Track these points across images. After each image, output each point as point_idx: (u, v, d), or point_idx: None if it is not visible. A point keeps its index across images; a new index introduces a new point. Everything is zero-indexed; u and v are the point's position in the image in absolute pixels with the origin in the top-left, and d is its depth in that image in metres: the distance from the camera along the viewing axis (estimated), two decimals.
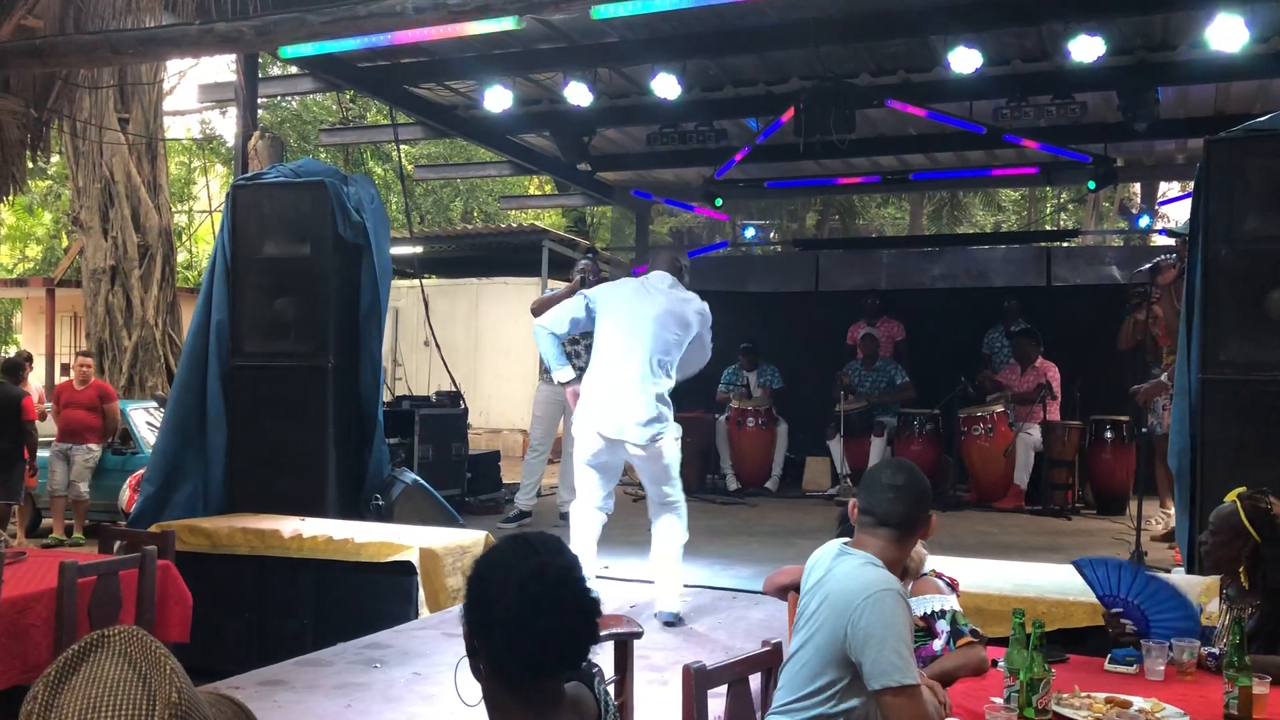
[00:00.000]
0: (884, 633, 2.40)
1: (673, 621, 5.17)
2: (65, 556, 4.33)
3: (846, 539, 2.72)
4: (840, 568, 2.60)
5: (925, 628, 3.00)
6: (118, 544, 4.83)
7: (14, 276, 21.89)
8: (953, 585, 3.17)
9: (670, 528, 5.30)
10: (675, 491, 5.30)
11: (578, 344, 7.30)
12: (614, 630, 3.16)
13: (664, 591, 5.29)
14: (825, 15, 7.55)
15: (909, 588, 3.06)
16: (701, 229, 19.08)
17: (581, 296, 5.40)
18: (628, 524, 8.12)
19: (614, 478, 5.37)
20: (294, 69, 10.26)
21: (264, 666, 4.13)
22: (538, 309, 8.44)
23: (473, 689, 1.73)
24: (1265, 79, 8.61)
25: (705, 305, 5.39)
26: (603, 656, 3.08)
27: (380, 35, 6.20)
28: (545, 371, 8.53)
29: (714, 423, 10.09)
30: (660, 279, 5.36)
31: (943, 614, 3.00)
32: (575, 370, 5.70)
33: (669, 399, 5.24)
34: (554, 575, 1.72)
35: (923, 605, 3.01)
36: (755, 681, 2.79)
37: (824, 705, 2.50)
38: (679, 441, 5.28)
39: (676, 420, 5.33)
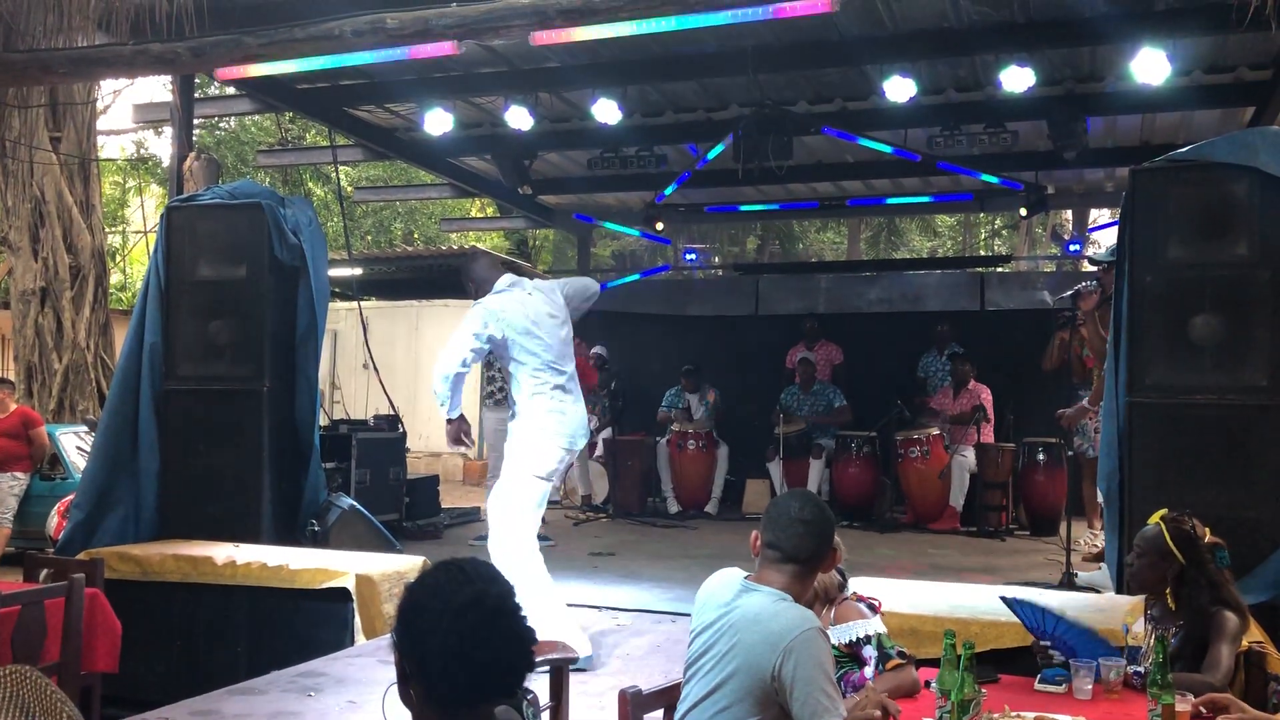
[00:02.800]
0: (813, 673, 2.39)
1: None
2: None
3: (747, 573, 2.64)
4: (749, 605, 2.53)
5: (850, 655, 3.01)
6: (44, 572, 4.71)
7: None
8: (874, 608, 3.19)
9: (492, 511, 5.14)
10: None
11: (495, 380, 7.34)
12: (549, 656, 3.15)
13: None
14: (763, 44, 7.65)
15: (831, 613, 3.08)
16: (644, 252, 19.15)
17: (475, 328, 5.05)
18: (569, 547, 8.12)
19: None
20: (231, 89, 10.16)
21: (196, 696, 4.05)
22: None
23: (401, 715, 1.72)
24: (1188, 110, 8.88)
25: (551, 281, 5.48)
26: (539, 682, 3.07)
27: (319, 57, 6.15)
28: (488, 397, 8.52)
29: (655, 445, 10.12)
30: (512, 281, 5.24)
31: (868, 639, 3.02)
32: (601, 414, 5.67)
33: None
34: (491, 604, 1.72)
35: (847, 633, 3.02)
36: None
37: None
38: None
39: (619, 440, 5.40)
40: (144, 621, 5.02)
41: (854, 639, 3.01)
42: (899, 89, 7.78)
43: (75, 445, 9.63)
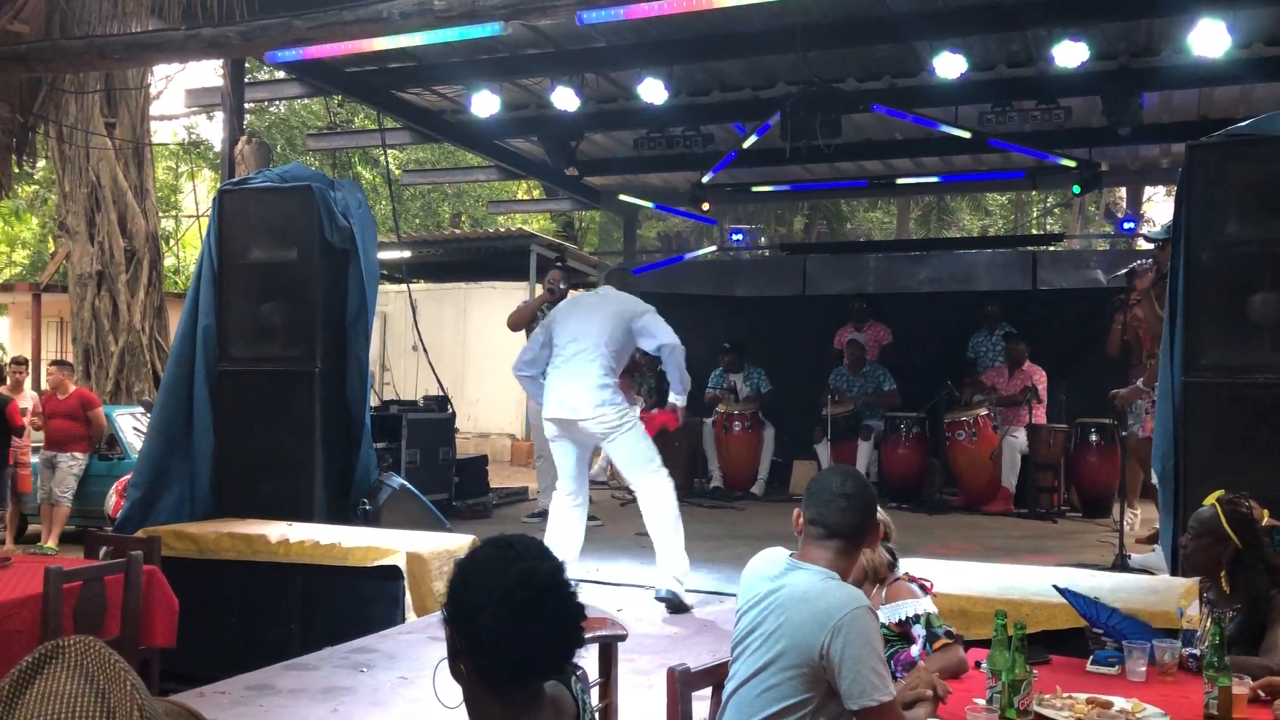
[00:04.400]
0: (862, 651, 2.38)
1: (666, 599, 5.31)
2: (51, 562, 4.31)
3: (792, 551, 2.64)
4: (796, 583, 2.52)
5: (900, 633, 3.00)
6: (104, 549, 4.81)
7: (0, 282, 21.79)
8: (926, 589, 3.17)
9: (648, 506, 5.61)
10: (646, 468, 5.62)
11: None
12: (599, 633, 3.17)
13: (657, 569, 5.56)
14: (811, 21, 7.58)
15: (882, 593, 3.06)
16: (689, 233, 19.11)
17: (539, 329, 6.05)
18: (616, 528, 8.15)
19: (581, 462, 5.79)
20: (281, 74, 10.26)
21: (250, 671, 4.12)
22: (513, 323, 8.57)
23: (453, 691, 1.74)
24: (1247, 84, 8.67)
25: (646, 305, 5.89)
26: (587, 658, 3.09)
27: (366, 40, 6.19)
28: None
29: (700, 426, 10.11)
30: (607, 290, 6.01)
31: (917, 618, 3.01)
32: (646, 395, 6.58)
33: (616, 386, 5.69)
34: (541, 581, 1.72)
35: (897, 611, 3.01)
36: None
37: None
38: (630, 419, 5.67)
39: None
40: (200, 598, 5.11)
41: (904, 618, 2.99)
42: (949, 65, 7.67)
43: (132, 426, 9.81)
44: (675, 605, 5.43)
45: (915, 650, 2.96)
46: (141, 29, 6.55)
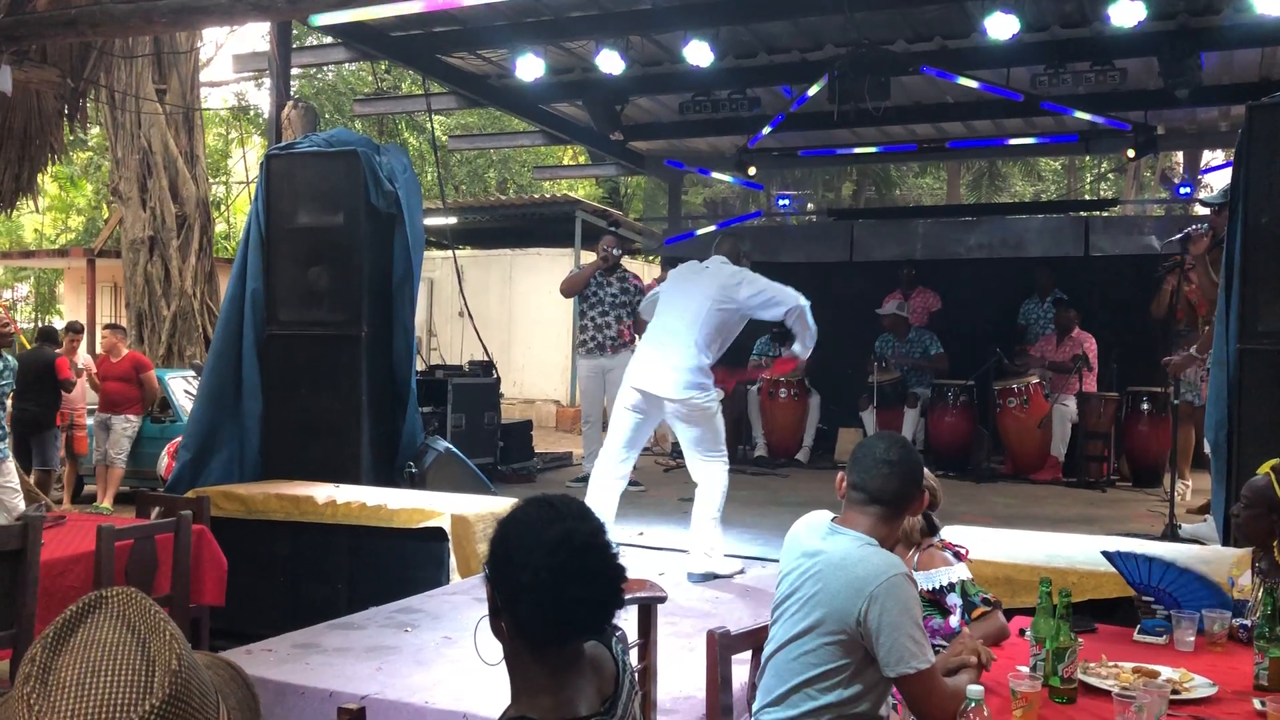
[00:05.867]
0: (899, 619, 2.37)
1: (698, 582, 5.28)
2: (104, 521, 4.40)
3: (834, 516, 2.63)
4: (835, 549, 2.51)
5: (934, 601, 2.97)
6: (155, 510, 4.90)
7: (56, 247, 22.18)
8: (960, 556, 3.14)
9: (700, 489, 5.52)
10: (711, 453, 5.51)
11: (586, 329, 7.86)
12: (638, 595, 3.17)
13: (691, 552, 5.51)
14: None
15: (914, 558, 3.04)
16: (735, 199, 18.96)
17: (659, 287, 5.93)
18: (660, 493, 8.17)
19: (641, 433, 5.66)
20: (329, 39, 10.28)
21: (297, 630, 4.18)
22: (565, 289, 8.59)
23: (493, 648, 1.74)
24: None
25: (753, 276, 5.68)
26: (627, 620, 3.10)
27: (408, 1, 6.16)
28: (581, 345, 8.61)
29: (746, 393, 10.07)
30: (715, 261, 5.71)
31: (952, 586, 2.98)
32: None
33: (708, 369, 5.48)
34: (581, 541, 1.71)
35: (932, 579, 2.98)
36: None
37: (829, 693, 2.45)
38: (714, 407, 5.51)
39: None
40: (249, 558, 5.20)
41: (937, 586, 2.97)
42: (1001, 26, 7.50)
43: (184, 389, 9.97)
44: (711, 578, 5.39)
45: (954, 621, 2.94)
46: None
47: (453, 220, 15.21)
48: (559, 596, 1.68)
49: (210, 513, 4.94)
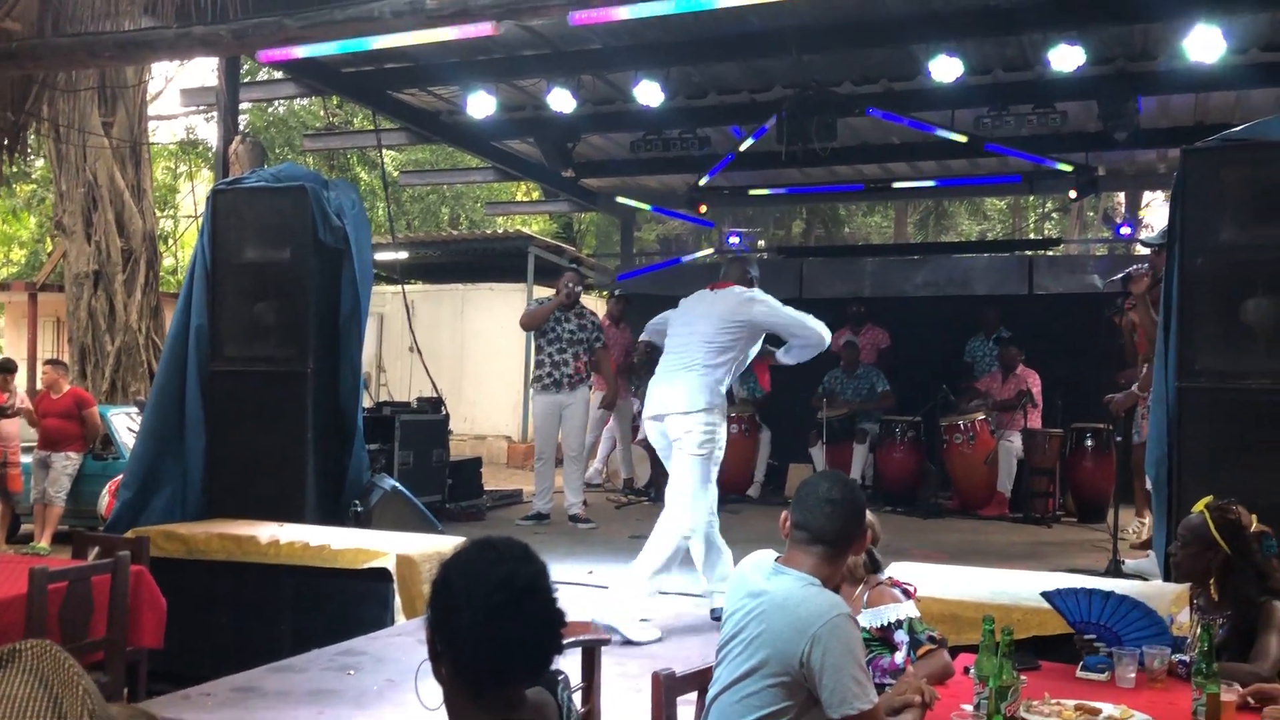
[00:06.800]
0: (842, 659, 2.36)
1: (607, 633, 4.96)
2: (37, 562, 4.29)
3: (778, 555, 2.60)
4: (778, 589, 2.49)
5: (882, 639, 2.98)
6: (92, 550, 4.79)
7: None
8: (909, 593, 3.15)
9: (660, 528, 5.25)
10: (686, 497, 5.26)
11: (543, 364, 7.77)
12: (580, 638, 3.15)
13: (610, 594, 5.24)
14: (807, 24, 7.58)
15: (862, 595, 3.04)
16: (688, 236, 19.08)
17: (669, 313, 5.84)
18: (610, 529, 8.13)
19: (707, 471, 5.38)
20: (279, 74, 10.25)
21: (237, 673, 4.10)
22: (525, 322, 8.56)
23: (434, 692, 1.72)
24: (1243, 89, 8.67)
25: (764, 296, 5.74)
26: (570, 663, 3.07)
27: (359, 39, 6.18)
28: (536, 380, 8.57)
29: None
30: (723, 287, 5.68)
31: (899, 623, 2.99)
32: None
33: (716, 389, 5.35)
34: (522, 584, 1.70)
35: (879, 616, 2.99)
36: None
37: None
38: (705, 435, 5.27)
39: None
40: (190, 599, 5.08)
41: (886, 623, 2.97)
42: (945, 69, 7.67)
43: (127, 426, 9.78)
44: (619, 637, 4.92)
45: (900, 656, 2.94)
46: (134, 27, 6.54)
47: (404, 255, 15.14)
48: (497, 639, 1.66)
49: (150, 553, 4.84)
